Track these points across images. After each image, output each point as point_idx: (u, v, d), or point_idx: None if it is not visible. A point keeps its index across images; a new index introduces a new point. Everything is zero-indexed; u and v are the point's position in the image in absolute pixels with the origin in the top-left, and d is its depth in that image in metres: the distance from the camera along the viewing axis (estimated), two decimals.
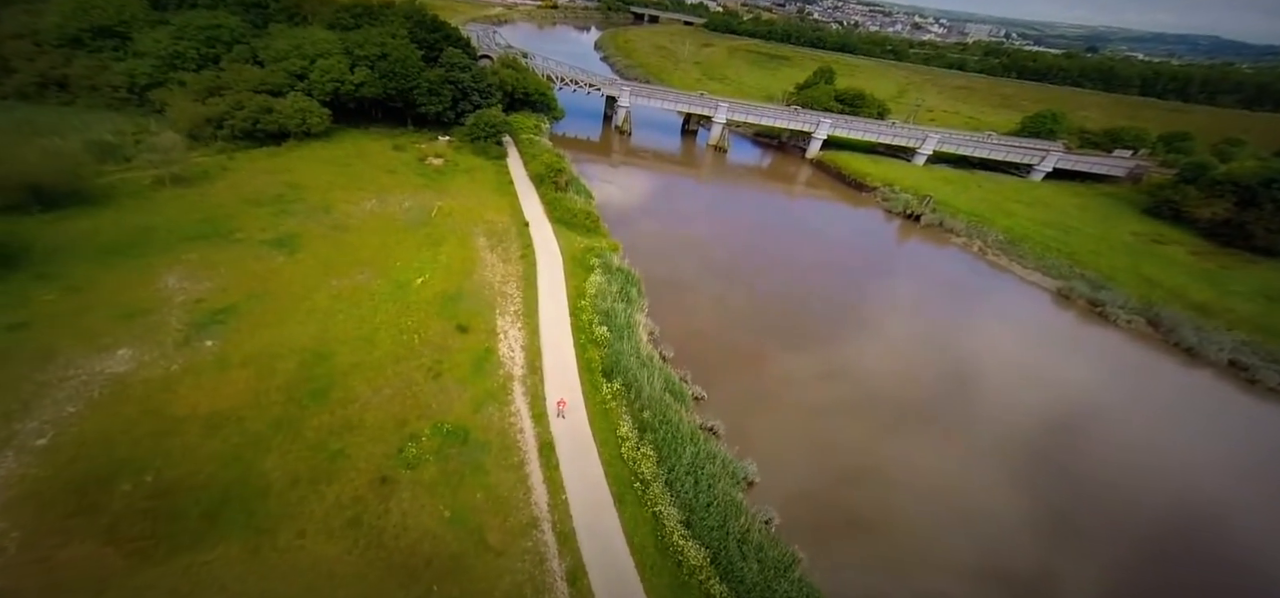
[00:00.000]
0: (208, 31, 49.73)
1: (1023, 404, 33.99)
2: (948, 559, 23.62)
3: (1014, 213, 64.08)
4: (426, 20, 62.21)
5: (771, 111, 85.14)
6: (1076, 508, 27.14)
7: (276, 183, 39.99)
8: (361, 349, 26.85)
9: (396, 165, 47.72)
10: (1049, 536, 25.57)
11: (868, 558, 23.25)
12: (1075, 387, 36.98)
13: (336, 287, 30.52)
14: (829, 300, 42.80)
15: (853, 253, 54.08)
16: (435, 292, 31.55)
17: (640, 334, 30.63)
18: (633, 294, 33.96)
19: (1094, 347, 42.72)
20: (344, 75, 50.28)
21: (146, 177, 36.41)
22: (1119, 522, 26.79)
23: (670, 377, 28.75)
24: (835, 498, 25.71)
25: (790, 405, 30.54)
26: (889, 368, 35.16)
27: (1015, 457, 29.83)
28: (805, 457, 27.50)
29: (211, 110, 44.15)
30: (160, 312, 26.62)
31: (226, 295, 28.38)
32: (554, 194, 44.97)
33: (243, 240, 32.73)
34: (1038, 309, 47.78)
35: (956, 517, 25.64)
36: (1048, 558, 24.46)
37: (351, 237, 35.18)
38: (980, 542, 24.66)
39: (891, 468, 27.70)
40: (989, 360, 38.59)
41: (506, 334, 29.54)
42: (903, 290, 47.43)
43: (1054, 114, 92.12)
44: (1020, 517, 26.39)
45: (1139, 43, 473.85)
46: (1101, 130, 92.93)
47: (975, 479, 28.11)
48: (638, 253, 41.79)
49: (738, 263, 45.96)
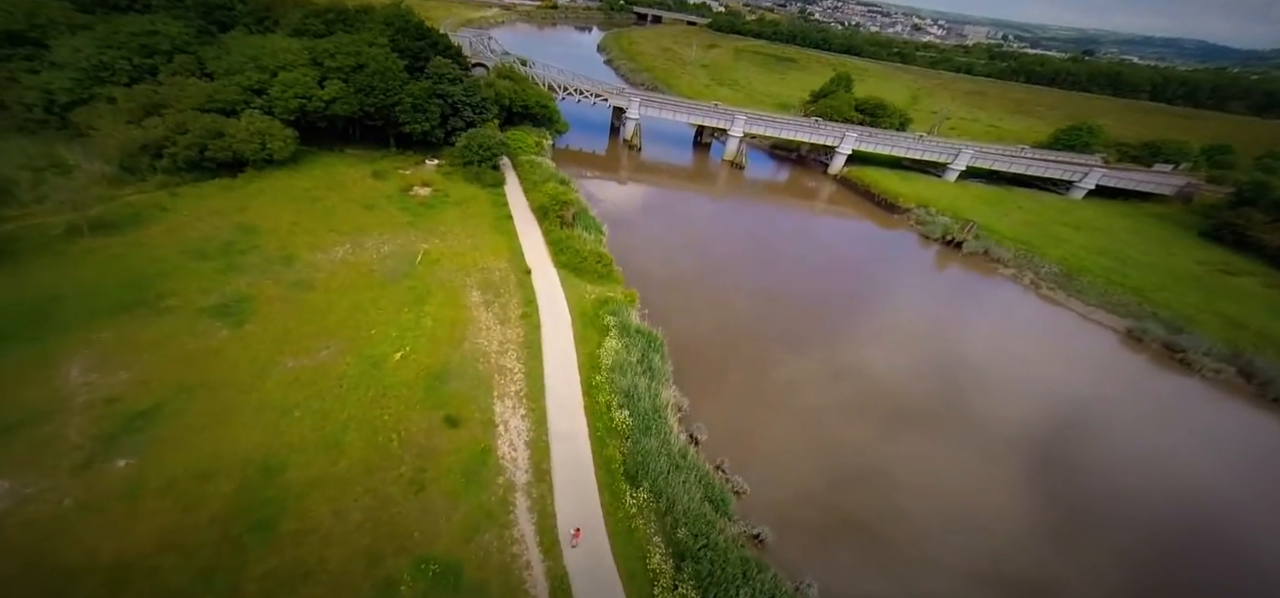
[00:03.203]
0: (142, 39, 44.07)
1: (1131, 490, 29.43)
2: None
3: (1064, 239, 60.22)
4: (410, 26, 57.37)
5: (792, 124, 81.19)
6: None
7: (227, 226, 34.64)
8: (323, 457, 21.72)
9: (376, 198, 42.51)
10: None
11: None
12: (1172, 454, 32.69)
13: (294, 369, 25.28)
14: (886, 359, 37.60)
15: (901, 295, 48.83)
16: (418, 370, 26.42)
17: (669, 419, 25.72)
18: (656, 363, 29.04)
19: (1184, 404, 38.52)
20: (311, 90, 45.09)
21: (59, 223, 30.88)
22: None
23: (708, 477, 23.94)
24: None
25: (857, 512, 25.65)
26: (980, 461, 30.08)
27: (1145, 561, 25.38)
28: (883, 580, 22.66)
29: (148, 134, 38.58)
30: (56, 419, 21.23)
31: (148, 391, 23.04)
32: (559, 231, 40.08)
33: (176, 309, 27.35)
34: (1108, 355, 43.51)
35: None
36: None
37: (316, 297, 29.93)
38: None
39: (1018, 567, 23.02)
40: (1077, 427, 34.12)
41: (507, 425, 24.48)
42: (967, 341, 42.43)
43: (1089, 127, 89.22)
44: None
45: (1129, 46, 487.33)
46: (1138, 142, 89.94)
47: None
48: (656, 298, 37.03)
49: (769, 309, 41.14)
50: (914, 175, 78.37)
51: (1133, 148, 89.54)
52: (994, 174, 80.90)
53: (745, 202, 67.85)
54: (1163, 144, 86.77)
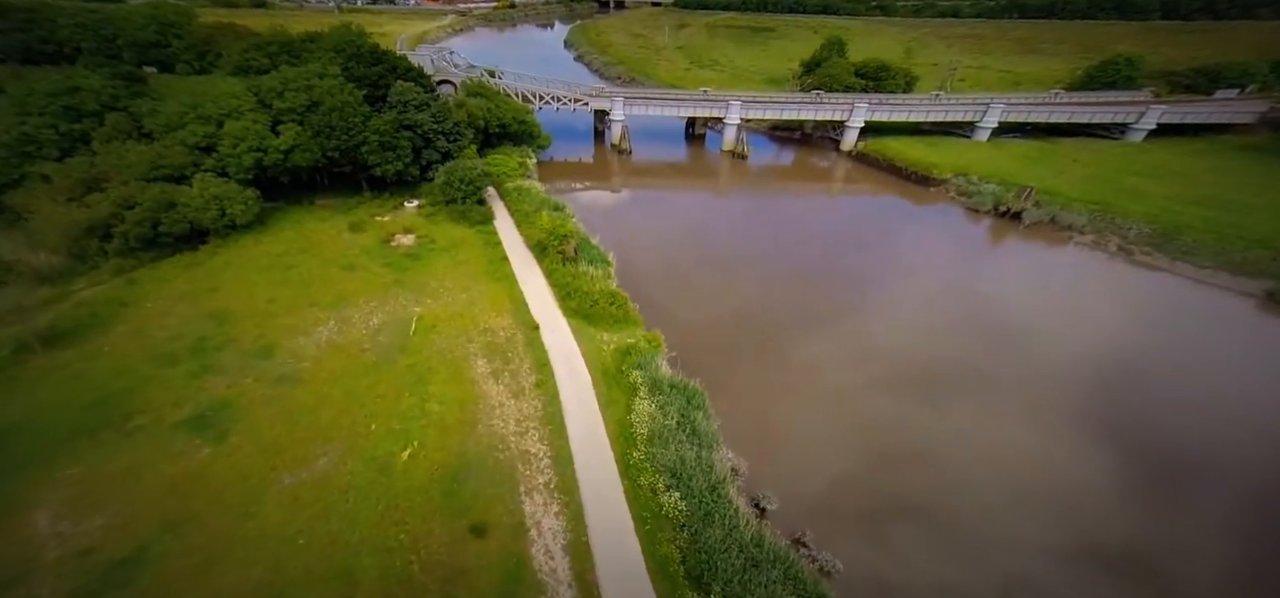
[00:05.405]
0: (63, 99, 42.26)
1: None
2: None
3: (1143, 192, 58.09)
4: (364, 50, 55.54)
5: (793, 102, 79.51)
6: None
7: (196, 316, 33.27)
8: (336, 594, 20.53)
9: (355, 255, 41.08)
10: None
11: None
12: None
13: (291, 486, 24.05)
14: (980, 367, 35.85)
15: (969, 284, 46.10)
16: (431, 468, 25.17)
17: (730, 494, 24.36)
18: (700, 422, 27.68)
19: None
20: (265, 139, 43.46)
21: (5, 340, 29.48)
22: None
23: (794, 566, 21.49)
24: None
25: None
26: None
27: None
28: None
29: (93, 214, 37.01)
30: (27, 583, 20.09)
31: (128, 533, 21.86)
32: (562, 270, 38.69)
33: (148, 428, 26.08)
34: (1248, 327, 41.43)
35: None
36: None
37: (305, 392, 28.63)
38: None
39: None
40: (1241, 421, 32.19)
41: (540, 528, 23.23)
42: (1060, 331, 39.93)
43: (1128, 58, 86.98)
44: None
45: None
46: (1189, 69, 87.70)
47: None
48: (683, 334, 35.66)
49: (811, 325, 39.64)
50: (939, 139, 76.91)
51: (1184, 76, 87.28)
52: (1028, 126, 79.18)
53: (757, 196, 66.22)
54: (1221, 67, 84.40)
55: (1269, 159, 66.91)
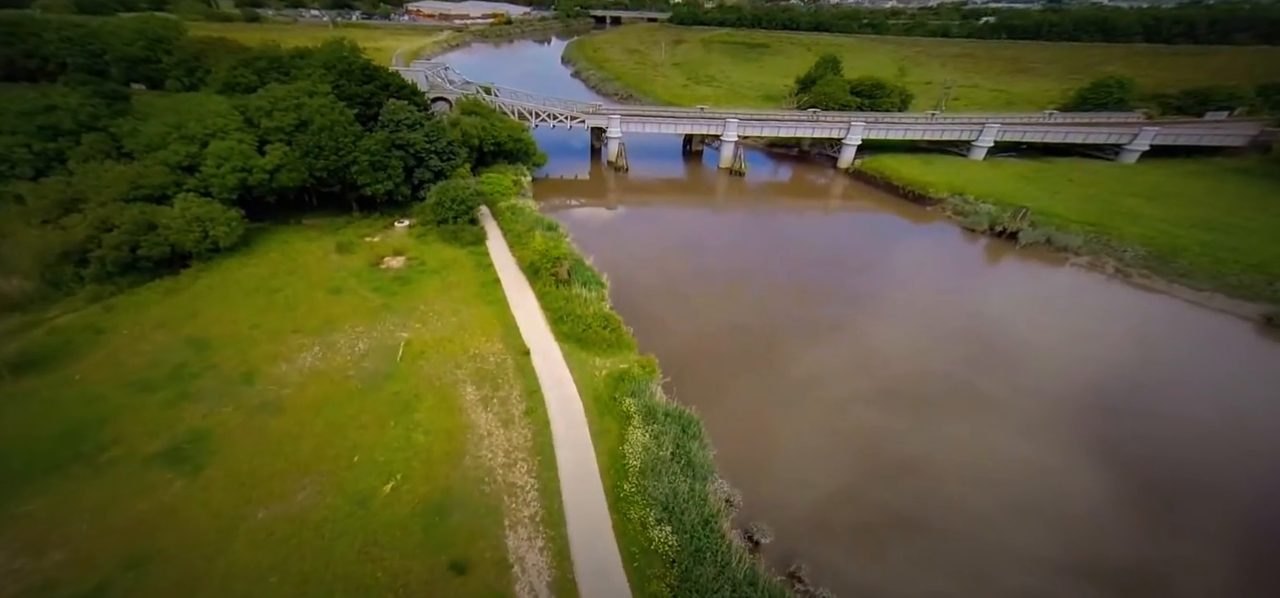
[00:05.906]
0: (39, 118, 42.06)
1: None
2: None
3: (1139, 213, 59.16)
4: (355, 68, 56.00)
5: (790, 119, 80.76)
6: None
7: (174, 344, 32.79)
8: None
9: (342, 278, 40.78)
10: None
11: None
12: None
13: (265, 521, 23.46)
14: (988, 393, 35.73)
15: (973, 306, 46.21)
16: (413, 502, 24.65)
17: (724, 530, 23.97)
18: (694, 452, 27.37)
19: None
20: (251, 159, 43.37)
21: None
22: None
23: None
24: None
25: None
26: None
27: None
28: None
29: (69, 237, 36.65)
30: None
31: (91, 569, 21.23)
32: (555, 292, 38.56)
33: (120, 461, 25.50)
34: (1247, 348, 42.33)
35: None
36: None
37: (286, 421, 28.14)
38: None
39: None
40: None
41: (524, 565, 22.70)
42: (1060, 350, 40.30)
43: (1119, 80, 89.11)
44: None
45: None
46: (1180, 91, 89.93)
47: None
48: (677, 357, 35.48)
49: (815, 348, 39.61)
50: (935, 157, 78.06)
51: (1175, 98, 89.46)
52: (1023, 146, 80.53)
53: (755, 213, 66.74)
54: (1210, 90, 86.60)
55: (1261, 182, 68.47)
